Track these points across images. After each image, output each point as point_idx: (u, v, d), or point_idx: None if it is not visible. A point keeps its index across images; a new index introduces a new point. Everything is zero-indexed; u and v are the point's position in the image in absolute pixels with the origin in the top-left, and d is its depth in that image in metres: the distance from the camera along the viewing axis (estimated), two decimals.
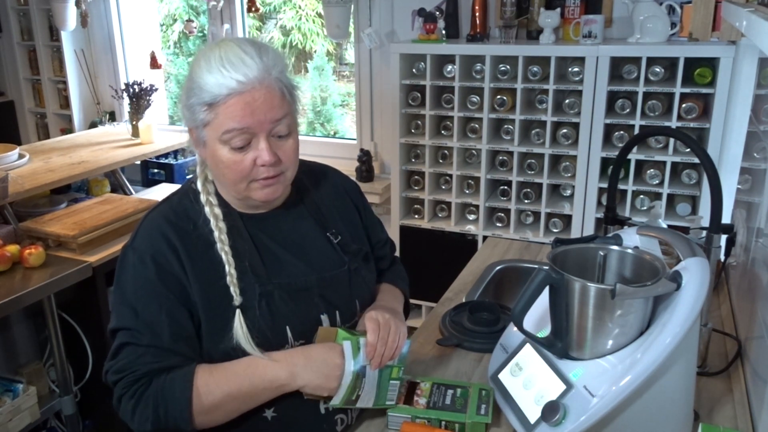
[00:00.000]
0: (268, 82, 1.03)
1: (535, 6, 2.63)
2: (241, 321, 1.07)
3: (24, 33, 3.95)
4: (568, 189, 2.70)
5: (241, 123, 1.02)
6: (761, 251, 1.26)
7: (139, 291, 1.07)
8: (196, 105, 1.04)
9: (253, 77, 1.01)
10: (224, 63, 1.01)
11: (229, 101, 1.01)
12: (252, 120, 1.02)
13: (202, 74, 1.02)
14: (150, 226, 1.11)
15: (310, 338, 1.13)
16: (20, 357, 2.34)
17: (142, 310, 1.06)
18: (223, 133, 1.03)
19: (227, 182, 1.10)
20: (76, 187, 3.28)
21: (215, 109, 1.02)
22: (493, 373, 1.18)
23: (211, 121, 1.04)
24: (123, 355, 1.07)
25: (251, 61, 1.02)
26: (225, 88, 1.01)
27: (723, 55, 2.20)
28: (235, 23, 3.50)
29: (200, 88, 1.02)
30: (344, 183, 1.34)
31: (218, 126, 1.03)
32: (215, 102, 1.02)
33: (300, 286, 1.14)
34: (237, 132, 1.03)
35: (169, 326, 1.06)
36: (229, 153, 1.05)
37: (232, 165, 1.05)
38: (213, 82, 1.01)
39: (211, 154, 1.07)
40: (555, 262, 1.05)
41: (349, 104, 4.18)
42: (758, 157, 1.47)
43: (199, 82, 1.03)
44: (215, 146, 1.05)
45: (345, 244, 1.22)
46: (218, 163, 1.07)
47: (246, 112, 1.02)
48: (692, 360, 1.05)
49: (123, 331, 1.07)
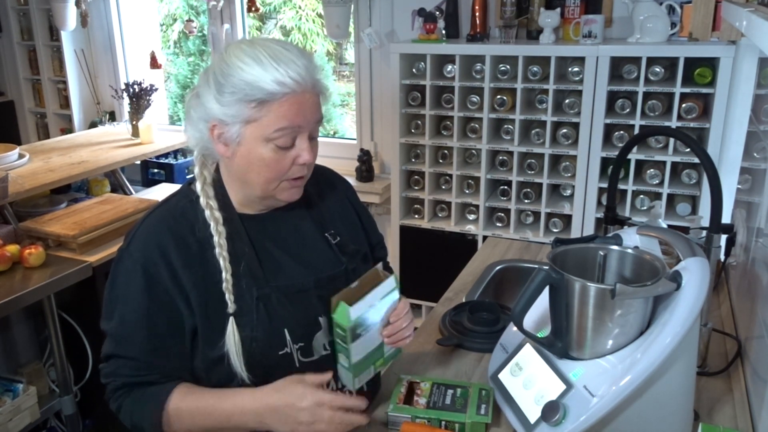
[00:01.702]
0: (315, 86, 1.05)
1: (535, 6, 2.63)
2: (234, 329, 1.07)
3: (24, 33, 3.95)
4: (568, 189, 2.70)
5: (293, 122, 1.03)
6: (761, 251, 1.26)
7: (127, 300, 1.08)
8: (240, 101, 1.02)
9: (306, 78, 1.02)
10: (276, 61, 1.01)
11: (284, 100, 1.01)
12: (302, 120, 1.04)
13: (249, 70, 1.01)
14: (146, 231, 1.11)
15: (308, 341, 1.13)
16: (20, 357, 2.35)
17: (127, 321, 1.08)
18: (274, 131, 1.03)
19: (259, 181, 1.09)
20: (76, 187, 3.28)
21: (267, 107, 1.02)
22: (493, 373, 1.18)
23: (259, 118, 1.03)
24: (109, 363, 1.11)
25: (301, 62, 1.03)
26: (282, 86, 1.00)
27: (723, 55, 2.20)
28: (235, 23, 3.50)
29: (248, 84, 1.01)
30: (342, 184, 1.34)
31: (268, 124, 1.03)
32: (270, 99, 1.01)
33: (298, 288, 1.14)
34: (288, 130, 1.04)
35: (149, 341, 1.07)
36: (272, 152, 1.05)
37: (272, 163, 1.06)
38: (268, 78, 1.00)
39: (247, 152, 1.06)
40: (555, 262, 1.05)
41: (349, 104, 4.18)
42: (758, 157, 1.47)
43: (245, 78, 1.01)
44: (255, 144, 1.05)
45: (343, 245, 1.22)
46: (254, 162, 1.06)
47: (299, 112, 1.03)
48: (692, 360, 1.05)
49: (110, 336, 1.10)
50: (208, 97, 1.05)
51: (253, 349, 1.08)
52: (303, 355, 1.13)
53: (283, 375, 1.07)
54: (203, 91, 1.07)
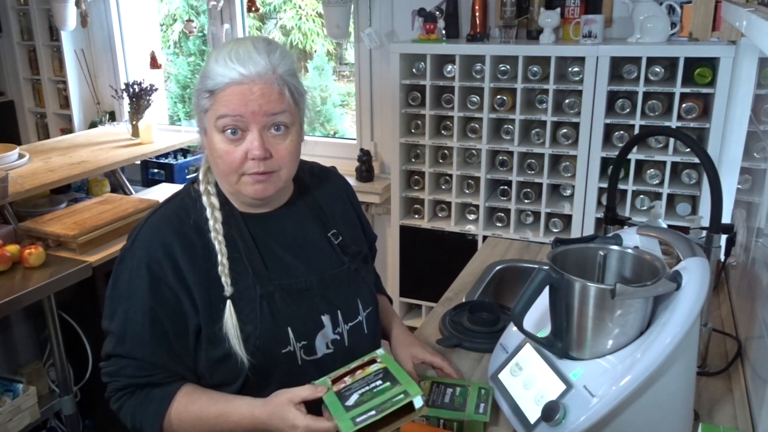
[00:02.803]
0: (268, 78, 1.05)
1: (535, 6, 2.63)
2: (231, 312, 1.08)
3: (24, 33, 3.95)
4: (568, 189, 2.70)
5: (234, 110, 1.05)
6: (761, 251, 1.26)
7: (130, 299, 1.08)
8: (200, 91, 1.08)
9: (254, 72, 1.04)
10: (232, 56, 1.05)
11: (227, 89, 1.05)
12: (245, 110, 1.05)
13: (210, 64, 1.07)
14: (150, 230, 1.11)
15: (311, 339, 1.13)
16: (20, 357, 2.34)
17: (131, 320, 1.08)
18: (217, 118, 1.06)
19: (220, 173, 1.11)
20: (76, 187, 3.28)
21: (214, 96, 1.06)
22: (493, 373, 1.18)
23: (209, 107, 1.07)
24: (111, 362, 1.11)
25: (258, 57, 1.05)
26: (226, 78, 1.04)
27: (723, 55, 2.20)
28: (235, 23, 3.50)
29: (205, 76, 1.07)
30: (343, 184, 1.35)
31: (214, 111, 1.06)
32: (215, 89, 1.05)
33: (301, 287, 1.14)
34: (230, 119, 1.05)
35: (154, 340, 1.07)
36: (222, 142, 1.07)
37: (224, 155, 1.07)
38: (218, 71, 1.05)
39: (209, 141, 1.10)
40: (555, 262, 1.05)
41: (349, 104, 4.18)
42: (758, 157, 1.47)
43: (206, 71, 1.07)
44: (212, 134, 1.08)
45: (345, 245, 1.23)
46: (213, 151, 1.10)
47: (240, 102, 1.04)
48: (692, 360, 1.05)
49: (112, 335, 1.10)
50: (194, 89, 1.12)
51: (256, 347, 1.08)
52: (306, 354, 1.13)
53: (285, 373, 1.08)
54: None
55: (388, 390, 0.99)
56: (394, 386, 1.00)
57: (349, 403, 0.99)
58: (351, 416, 0.96)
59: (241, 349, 1.07)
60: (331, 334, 1.16)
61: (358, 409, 0.97)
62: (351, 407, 0.98)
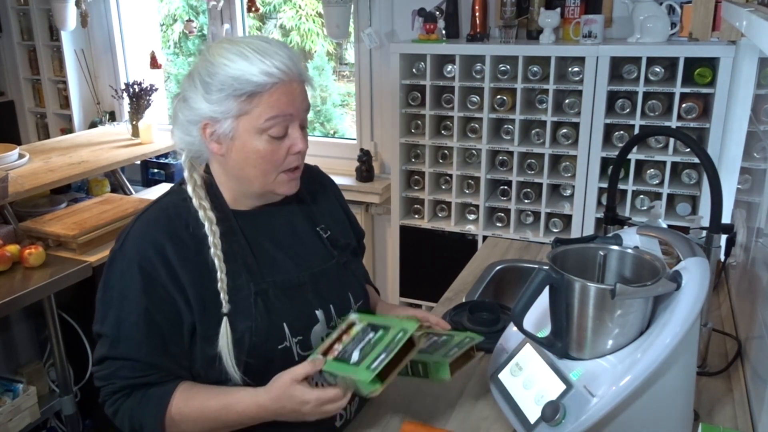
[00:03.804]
0: (299, 75, 1.07)
1: (535, 6, 2.63)
2: (227, 330, 1.07)
3: (24, 33, 3.95)
4: (568, 189, 2.70)
5: (284, 111, 1.05)
6: (761, 251, 1.26)
7: (123, 300, 1.07)
8: (229, 97, 1.04)
9: (291, 67, 1.05)
10: (260, 53, 1.04)
11: (274, 89, 1.04)
12: (293, 108, 1.06)
13: (235, 65, 1.03)
14: (140, 230, 1.11)
15: (306, 334, 1.13)
16: (20, 357, 2.35)
17: (123, 321, 1.07)
18: (265, 120, 1.05)
19: (257, 174, 1.10)
20: (76, 187, 3.28)
21: (257, 98, 1.04)
22: (493, 373, 1.18)
23: (250, 110, 1.05)
24: (104, 365, 1.10)
25: (284, 53, 1.05)
26: (270, 77, 1.03)
27: (723, 55, 2.20)
28: (235, 23, 3.50)
29: (236, 79, 1.03)
30: (328, 181, 1.37)
31: (259, 115, 1.05)
32: (260, 91, 1.03)
33: (293, 283, 1.15)
34: (280, 119, 1.06)
35: (149, 340, 1.07)
36: (266, 143, 1.07)
37: (267, 155, 1.07)
38: (256, 71, 1.03)
39: (241, 146, 1.07)
40: (555, 262, 1.05)
41: (349, 104, 4.18)
42: (758, 157, 1.47)
43: (232, 74, 1.03)
44: (249, 137, 1.06)
45: (334, 239, 1.24)
46: (250, 155, 1.07)
47: (289, 100, 1.05)
48: (692, 360, 1.05)
49: (104, 338, 1.09)
50: (196, 98, 1.07)
51: (253, 343, 1.08)
52: (302, 349, 1.14)
53: (282, 369, 1.08)
54: (190, 93, 1.08)
55: (384, 336, 1.01)
56: (388, 331, 1.02)
57: (354, 360, 1.00)
58: (365, 366, 0.97)
59: (234, 370, 1.07)
60: (326, 328, 1.17)
61: (366, 360, 0.98)
62: (359, 362, 0.99)
